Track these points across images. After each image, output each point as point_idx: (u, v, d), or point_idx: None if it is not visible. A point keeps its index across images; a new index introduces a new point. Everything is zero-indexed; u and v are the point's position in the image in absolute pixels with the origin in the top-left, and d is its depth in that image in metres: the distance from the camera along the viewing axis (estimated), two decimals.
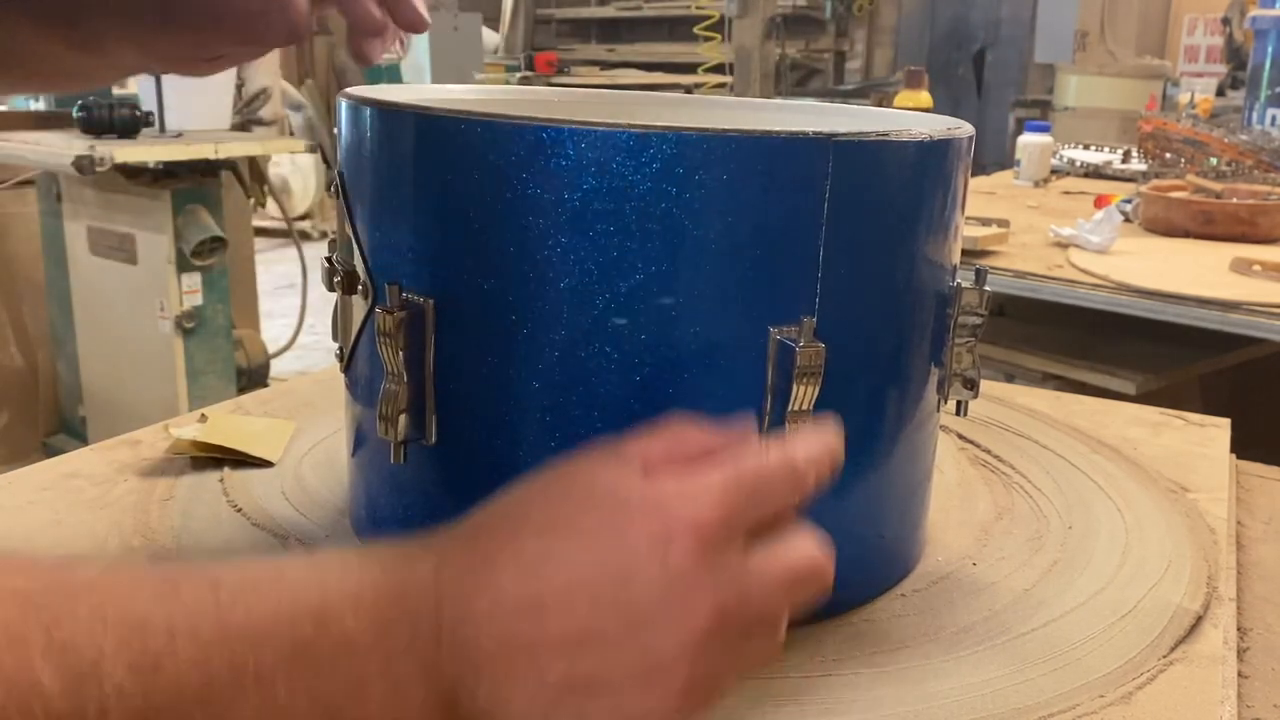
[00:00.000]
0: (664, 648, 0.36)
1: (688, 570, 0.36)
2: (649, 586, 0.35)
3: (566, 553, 0.36)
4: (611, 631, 0.35)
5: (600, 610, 0.36)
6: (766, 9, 5.32)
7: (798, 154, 0.46)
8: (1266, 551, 0.66)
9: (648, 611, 0.35)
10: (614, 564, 0.36)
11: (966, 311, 0.55)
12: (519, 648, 0.35)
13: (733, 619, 0.37)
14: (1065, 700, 0.47)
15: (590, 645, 0.35)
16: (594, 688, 0.36)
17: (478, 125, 0.47)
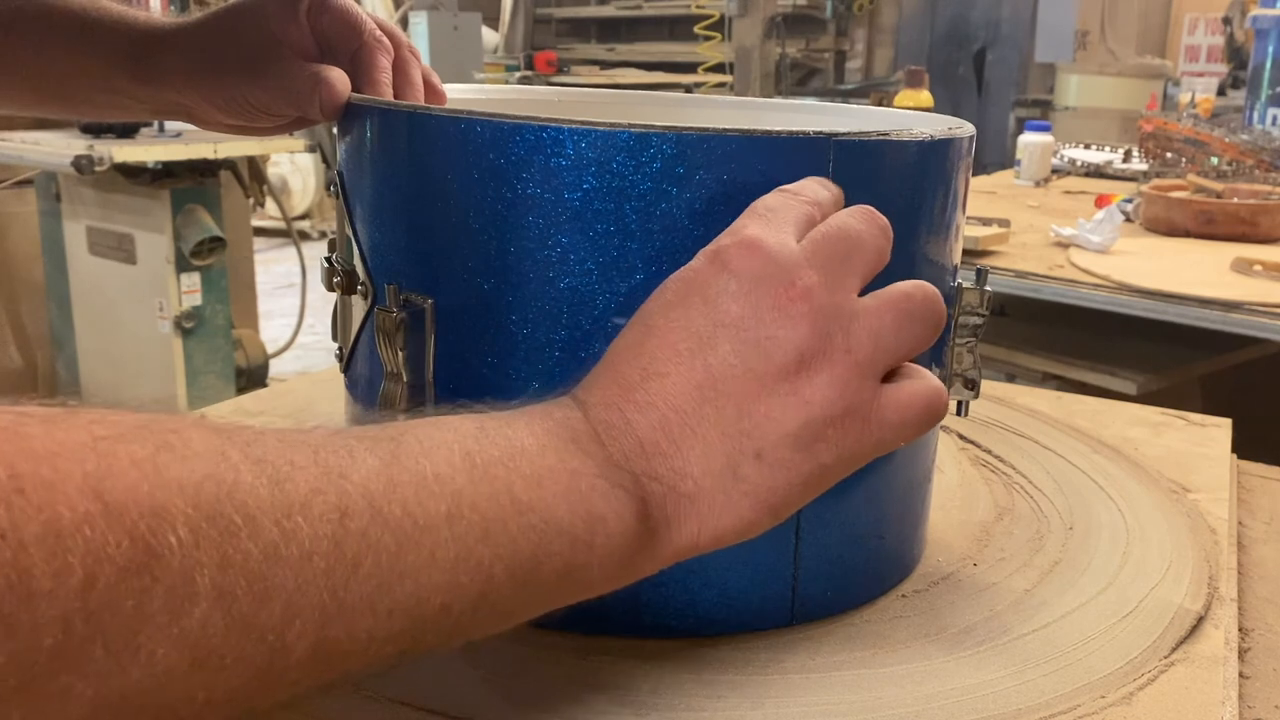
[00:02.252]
0: (784, 335, 0.37)
1: (753, 269, 0.38)
2: (734, 299, 0.38)
3: (656, 322, 0.39)
4: (730, 352, 0.37)
5: (708, 341, 0.38)
6: (766, 8, 5.32)
7: (798, 154, 0.46)
8: (1268, 552, 0.65)
9: (748, 316, 0.38)
10: (698, 303, 0.39)
11: (967, 311, 0.55)
12: (664, 413, 0.37)
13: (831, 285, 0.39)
14: (1066, 701, 0.47)
15: (721, 375, 0.37)
16: (750, 410, 0.37)
17: (478, 125, 0.47)
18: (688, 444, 0.37)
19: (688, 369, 0.37)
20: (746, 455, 0.37)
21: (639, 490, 0.37)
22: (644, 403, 0.37)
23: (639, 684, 0.47)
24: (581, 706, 0.45)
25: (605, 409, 0.38)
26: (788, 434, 0.37)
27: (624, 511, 0.36)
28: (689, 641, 0.51)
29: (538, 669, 0.48)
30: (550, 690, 0.46)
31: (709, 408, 0.37)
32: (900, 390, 0.40)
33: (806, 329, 0.38)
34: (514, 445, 0.35)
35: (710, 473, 0.37)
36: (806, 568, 0.52)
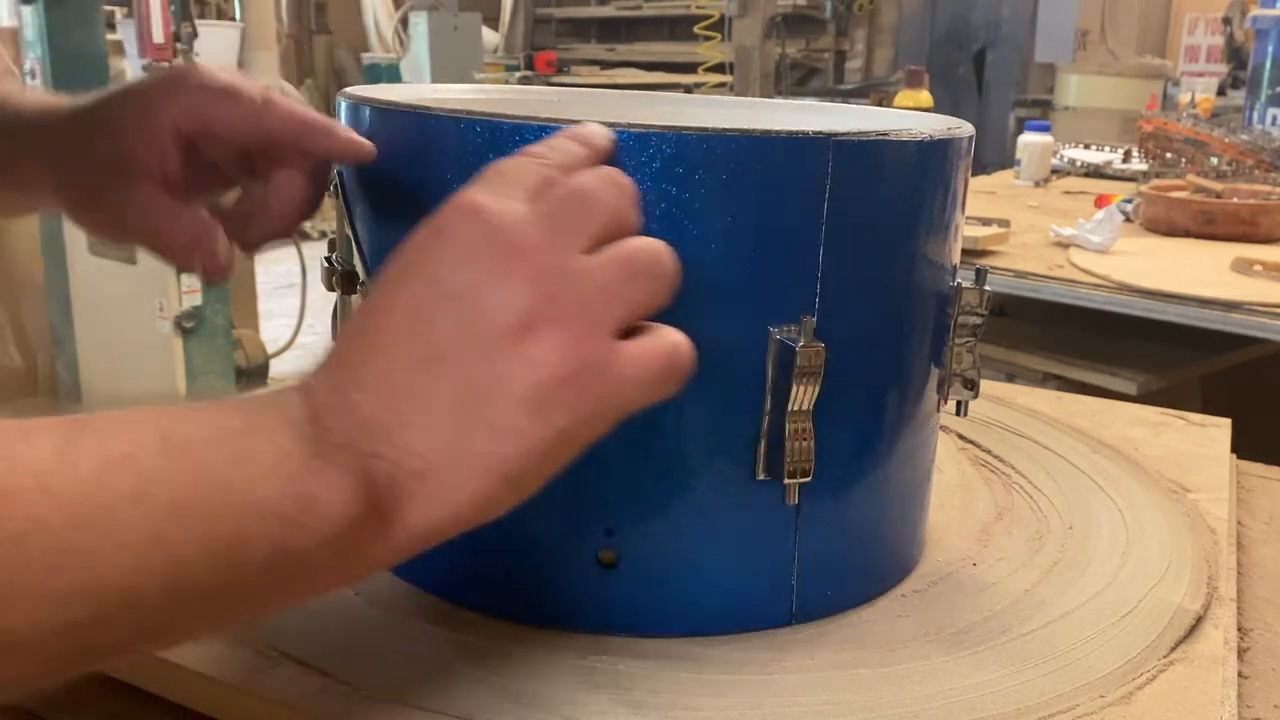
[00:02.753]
0: (503, 296, 0.36)
1: (470, 232, 0.37)
2: (452, 267, 0.37)
3: (378, 302, 0.38)
4: (450, 322, 0.36)
5: (427, 313, 0.36)
6: (766, 9, 5.32)
7: (798, 154, 0.46)
8: (1267, 552, 0.66)
9: (466, 283, 0.36)
10: (415, 276, 0.37)
11: (967, 311, 0.55)
12: (388, 392, 0.35)
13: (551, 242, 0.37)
14: (1065, 701, 0.47)
15: (442, 346, 0.36)
16: (476, 378, 0.35)
17: (477, 125, 0.47)
18: (413, 420, 0.35)
19: (409, 345, 0.36)
20: (477, 427, 0.35)
21: (362, 470, 0.34)
22: (366, 382, 0.36)
23: (639, 684, 0.47)
24: (581, 706, 0.45)
25: (326, 391, 0.36)
26: (518, 399, 0.35)
27: (343, 492, 0.34)
28: (689, 641, 0.51)
29: (538, 669, 0.48)
30: (550, 690, 0.46)
31: (434, 382, 0.35)
32: (638, 345, 0.38)
33: (528, 290, 0.36)
34: (219, 427, 0.33)
35: (439, 449, 0.35)
36: (806, 568, 0.52)
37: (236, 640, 0.49)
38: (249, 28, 3.31)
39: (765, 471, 0.49)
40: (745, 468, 0.49)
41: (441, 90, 0.67)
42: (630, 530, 0.50)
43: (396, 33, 6.60)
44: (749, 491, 0.50)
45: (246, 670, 0.47)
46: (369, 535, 0.35)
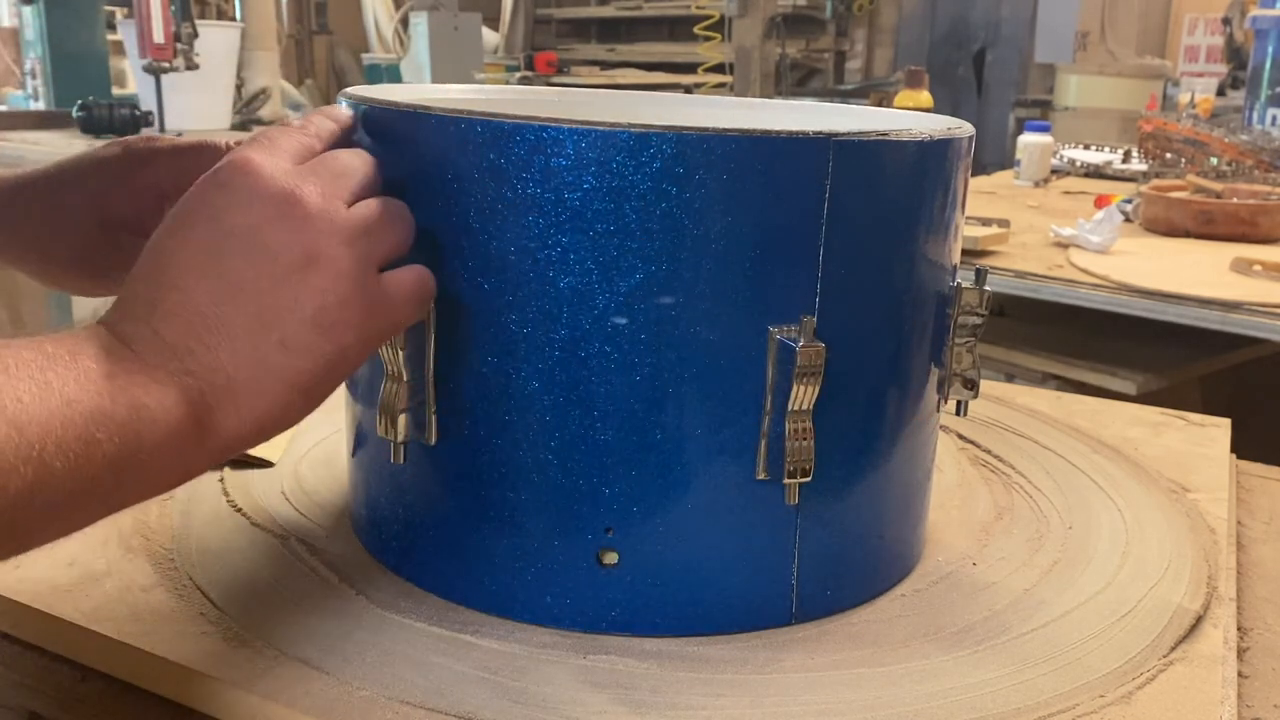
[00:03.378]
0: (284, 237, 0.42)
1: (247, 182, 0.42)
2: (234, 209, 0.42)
3: (167, 243, 0.42)
4: (240, 257, 0.41)
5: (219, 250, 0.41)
6: (766, 9, 5.32)
7: (798, 154, 0.46)
8: (1267, 552, 0.66)
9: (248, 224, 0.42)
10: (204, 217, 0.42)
11: (966, 311, 0.55)
12: (187, 318, 0.40)
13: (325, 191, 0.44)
14: (1065, 700, 0.47)
15: (236, 280, 0.41)
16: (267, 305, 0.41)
17: (478, 125, 0.47)
18: (215, 342, 0.40)
19: (202, 278, 0.41)
20: (271, 344, 0.41)
21: (177, 385, 0.39)
22: (167, 313, 0.40)
23: (639, 684, 0.47)
24: (581, 706, 0.45)
25: (130, 323, 0.40)
26: (306, 319, 0.42)
27: (166, 401, 0.38)
28: (689, 641, 0.51)
29: (538, 669, 0.48)
30: (550, 690, 0.46)
31: (229, 308, 0.40)
32: (396, 275, 0.46)
33: (307, 230, 0.42)
34: (46, 353, 0.37)
35: (240, 365, 0.40)
36: (806, 567, 0.52)
37: (236, 640, 0.49)
38: (249, 28, 3.32)
39: (765, 471, 0.49)
40: (745, 468, 0.49)
41: (441, 90, 0.67)
42: (630, 530, 0.50)
43: (396, 33, 6.60)
44: (749, 491, 0.50)
45: (246, 670, 0.47)
46: (192, 442, 0.40)
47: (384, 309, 0.45)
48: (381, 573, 0.56)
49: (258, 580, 0.55)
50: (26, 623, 0.52)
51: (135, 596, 0.53)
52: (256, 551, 0.58)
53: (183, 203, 0.43)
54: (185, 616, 0.51)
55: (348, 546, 0.58)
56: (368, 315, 0.44)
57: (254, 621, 0.51)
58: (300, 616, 0.51)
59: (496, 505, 0.51)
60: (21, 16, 2.87)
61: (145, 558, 0.57)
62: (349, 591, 0.54)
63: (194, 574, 0.55)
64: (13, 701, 0.48)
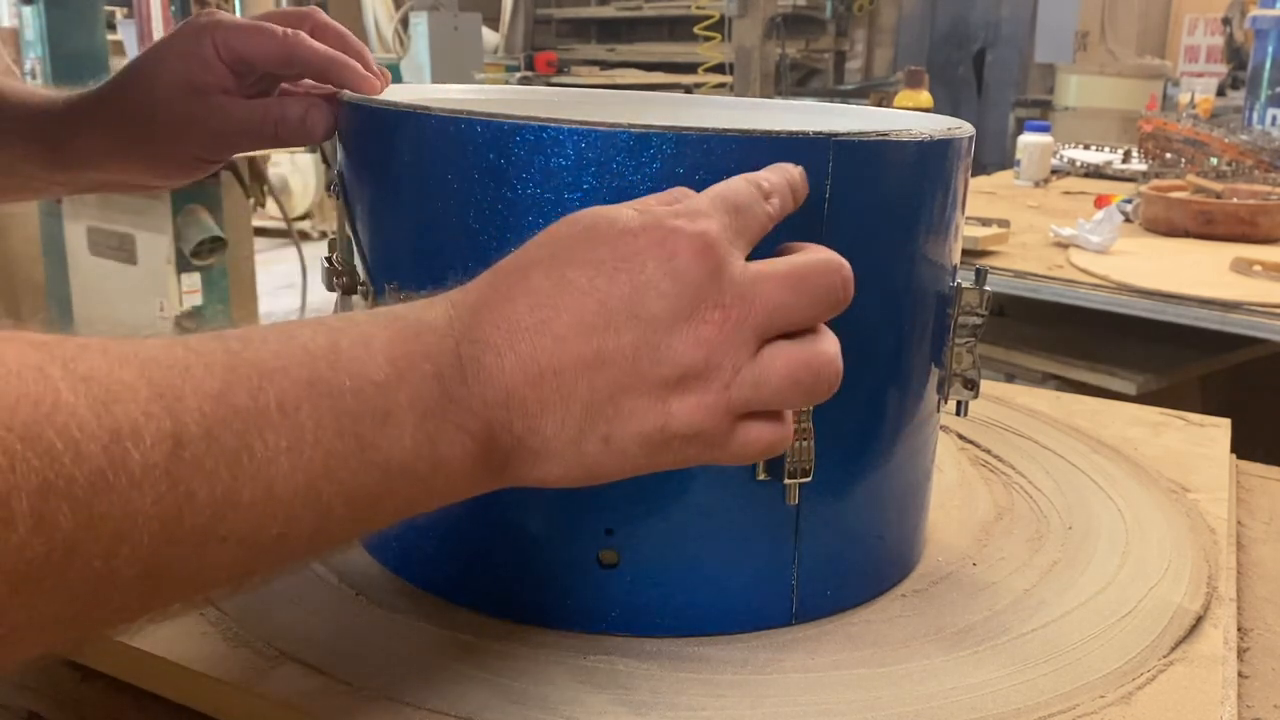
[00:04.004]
0: (680, 351, 0.37)
1: (696, 276, 0.38)
2: (661, 297, 0.37)
3: (578, 279, 0.38)
4: (628, 344, 0.37)
5: (615, 325, 0.37)
6: (766, 9, 5.32)
7: (798, 154, 0.46)
8: (1267, 552, 0.66)
9: (660, 320, 0.37)
10: (624, 282, 0.37)
11: (967, 311, 0.55)
12: (542, 371, 0.37)
13: (748, 325, 0.38)
14: (1065, 700, 0.47)
15: (609, 360, 0.37)
16: (618, 401, 0.38)
17: (478, 125, 0.47)
18: (551, 407, 0.37)
19: (583, 341, 0.37)
20: (597, 434, 0.38)
21: (489, 437, 0.37)
22: (526, 355, 0.37)
23: (639, 684, 0.47)
24: (581, 706, 0.45)
25: (483, 347, 0.37)
26: (640, 433, 0.38)
27: (468, 455, 0.37)
28: (689, 641, 0.51)
29: (538, 669, 0.48)
30: (550, 690, 0.46)
31: (585, 383, 0.37)
32: (752, 430, 0.40)
33: (703, 357, 0.38)
34: (365, 375, 0.34)
35: (560, 438, 0.38)
36: (806, 568, 0.52)
37: (236, 640, 0.49)
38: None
39: (765, 471, 0.49)
40: (745, 468, 0.49)
41: (441, 90, 0.67)
42: (630, 530, 0.50)
43: (396, 33, 6.60)
44: (749, 491, 0.50)
45: (246, 670, 0.47)
46: (475, 486, 0.38)
47: (717, 454, 0.40)
48: (381, 573, 0.56)
49: None
50: None
51: None
52: None
53: (621, 236, 0.38)
54: (185, 616, 0.51)
55: None
56: (696, 454, 0.40)
57: (254, 621, 0.50)
58: (300, 616, 0.51)
59: (496, 505, 0.50)
60: (21, 16, 2.87)
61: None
62: (349, 591, 0.54)
63: None
64: (13, 701, 0.48)
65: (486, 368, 0.37)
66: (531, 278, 0.38)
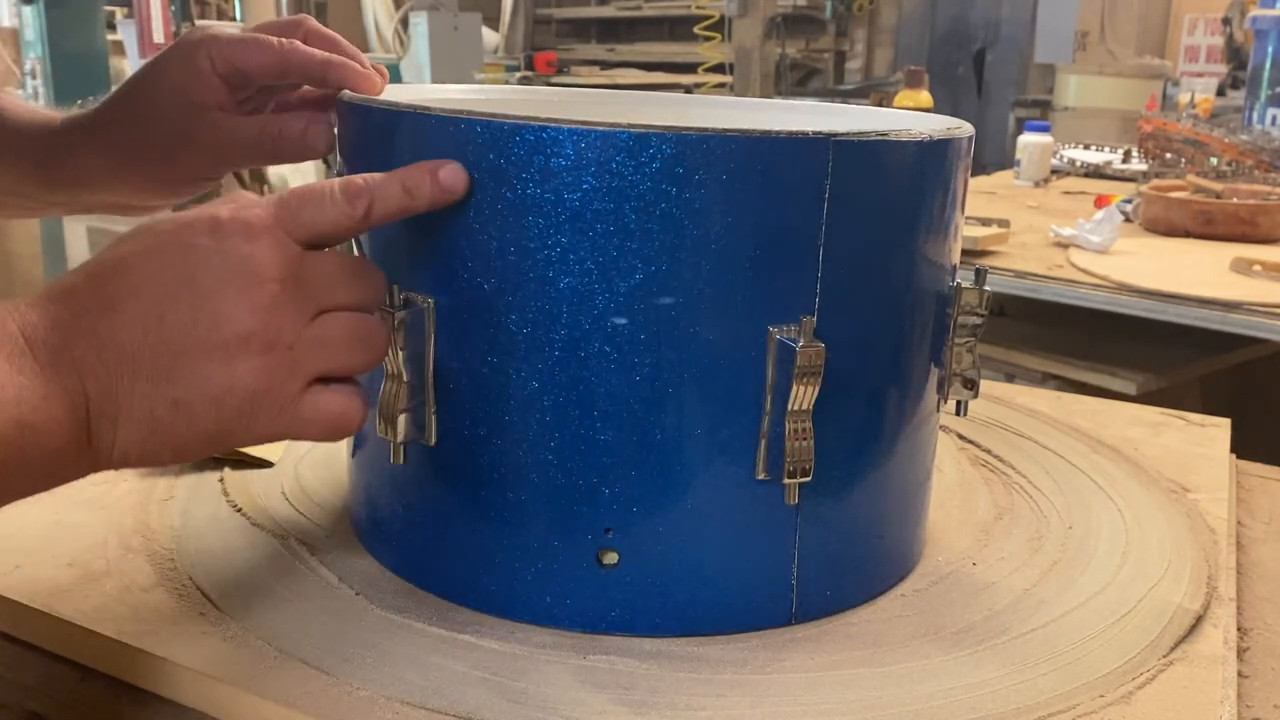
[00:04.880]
0: (232, 313, 0.41)
1: (243, 252, 0.42)
2: (210, 271, 0.41)
3: (135, 260, 0.41)
4: (186, 312, 0.41)
5: (172, 295, 0.41)
6: (766, 9, 5.32)
7: (798, 154, 0.46)
8: (1267, 552, 0.66)
9: (213, 290, 0.41)
10: (178, 259, 0.41)
11: (966, 311, 0.55)
12: (103, 341, 0.40)
13: (302, 295, 0.43)
14: (1065, 700, 0.47)
15: (169, 326, 0.40)
16: (178, 365, 0.41)
17: (478, 125, 0.47)
18: (120, 373, 0.40)
19: (142, 314, 0.40)
20: (167, 399, 0.41)
21: (68, 402, 0.39)
22: (88, 329, 0.40)
23: (639, 684, 0.47)
24: (581, 706, 0.45)
25: (48, 329, 0.40)
26: (208, 394, 0.41)
27: (54, 420, 0.39)
28: (689, 641, 0.51)
29: (538, 669, 0.48)
30: (550, 690, 0.46)
31: (148, 351, 0.40)
32: (321, 396, 0.44)
33: (261, 321, 0.42)
34: None
35: (131, 406, 0.40)
36: (806, 568, 0.52)
37: (236, 640, 0.49)
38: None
39: (765, 471, 0.49)
40: (745, 468, 0.49)
41: (441, 90, 0.67)
42: (630, 530, 0.50)
43: (396, 33, 6.60)
44: (749, 491, 0.50)
45: (246, 670, 0.47)
46: (74, 458, 0.40)
47: (287, 420, 0.44)
48: (381, 573, 0.56)
49: (258, 580, 0.55)
50: (26, 623, 0.52)
51: (135, 596, 0.53)
52: (256, 552, 0.58)
53: (174, 224, 0.43)
54: (185, 616, 0.51)
55: (348, 546, 0.58)
56: (268, 417, 0.43)
57: (254, 621, 0.50)
58: (300, 616, 0.51)
59: (496, 505, 0.51)
60: (21, 16, 2.87)
61: (145, 558, 0.57)
62: (349, 591, 0.54)
63: (194, 574, 0.55)
64: (13, 701, 0.48)
65: (51, 344, 0.39)
66: (96, 270, 0.42)
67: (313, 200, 0.45)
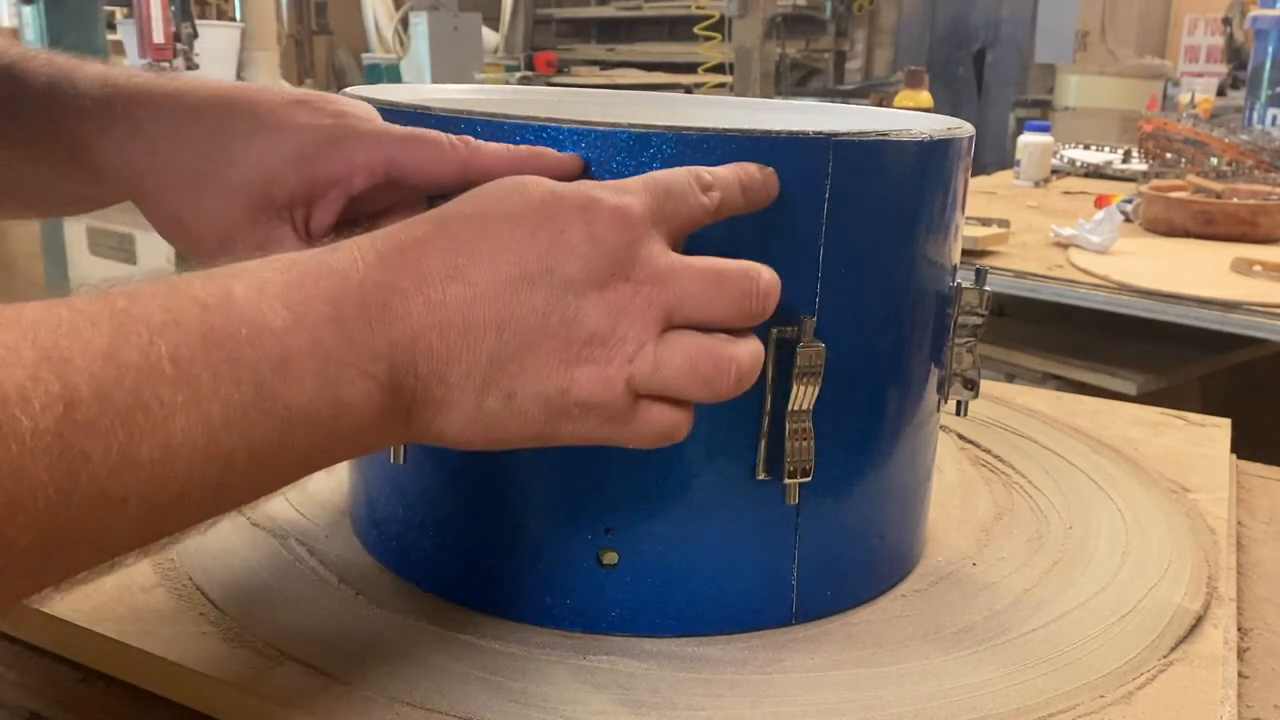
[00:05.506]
0: (590, 312, 0.38)
1: (614, 245, 0.38)
2: (578, 259, 0.38)
3: (497, 230, 0.38)
4: (541, 301, 0.37)
5: (530, 280, 0.37)
6: (766, 9, 5.32)
7: (798, 154, 0.46)
8: (1267, 552, 0.66)
9: (575, 281, 0.38)
10: (544, 239, 0.38)
11: (966, 311, 0.55)
12: (450, 318, 0.37)
13: (657, 304, 0.39)
14: (1065, 700, 0.47)
15: (521, 314, 0.37)
16: (524, 356, 0.38)
17: (478, 125, 0.47)
18: (458, 355, 0.37)
19: (496, 292, 0.37)
20: (500, 390, 0.38)
21: (392, 382, 0.36)
22: (436, 300, 0.37)
23: (639, 684, 0.47)
24: (581, 706, 0.45)
25: (388, 290, 0.36)
26: (542, 393, 0.38)
27: (372, 400, 0.36)
28: (689, 641, 0.51)
29: (538, 669, 0.48)
30: (550, 690, 0.46)
31: (494, 335, 0.37)
32: (652, 410, 0.40)
33: (610, 325, 0.38)
34: (261, 322, 0.33)
35: (463, 388, 0.37)
36: (806, 568, 0.52)
37: (236, 640, 0.49)
38: (249, 27, 3.32)
39: (765, 471, 0.49)
40: (745, 467, 0.49)
41: (441, 90, 0.67)
42: (630, 530, 0.50)
43: (396, 33, 6.60)
44: (749, 491, 0.50)
45: (246, 670, 0.47)
46: (381, 433, 0.38)
47: (614, 430, 0.40)
48: (381, 573, 0.56)
49: (258, 580, 0.55)
50: (26, 623, 0.52)
51: (135, 596, 0.53)
52: (256, 551, 0.58)
53: (545, 197, 0.38)
54: (185, 616, 0.51)
55: (348, 546, 0.58)
56: (595, 427, 0.40)
57: (254, 621, 0.50)
58: (300, 616, 0.51)
59: (496, 505, 0.51)
60: (21, 16, 2.87)
61: (145, 558, 0.57)
62: (349, 591, 0.54)
63: (194, 574, 0.55)
64: (13, 701, 0.48)
65: (392, 310, 0.36)
66: (449, 225, 0.38)
67: (677, 191, 0.41)
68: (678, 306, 0.39)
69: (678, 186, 0.41)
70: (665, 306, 0.39)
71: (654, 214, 0.40)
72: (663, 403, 0.40)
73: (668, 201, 0.40)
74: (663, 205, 0.40)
